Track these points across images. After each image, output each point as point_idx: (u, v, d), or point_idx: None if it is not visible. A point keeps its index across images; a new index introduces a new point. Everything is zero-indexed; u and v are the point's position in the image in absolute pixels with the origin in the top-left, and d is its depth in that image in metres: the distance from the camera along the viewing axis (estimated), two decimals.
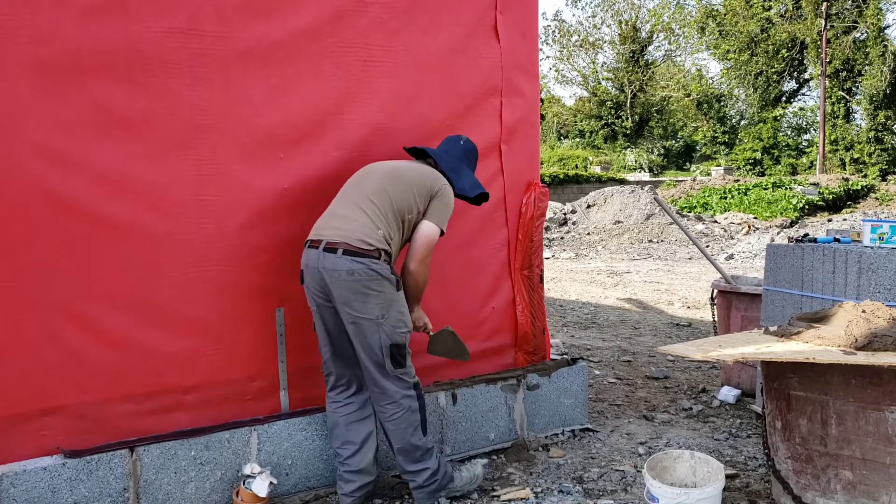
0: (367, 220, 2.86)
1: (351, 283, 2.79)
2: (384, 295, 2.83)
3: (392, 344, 2.86)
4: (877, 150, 31.10)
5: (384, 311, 2.83)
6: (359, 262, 2.78)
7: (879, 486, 2.62)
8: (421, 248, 2.93)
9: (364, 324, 2.83)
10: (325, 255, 2.82)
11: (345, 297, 2.81)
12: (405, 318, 2.91)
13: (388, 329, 2.85)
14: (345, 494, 3.02)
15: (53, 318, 2.72)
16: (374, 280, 2.80)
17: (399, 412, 2.92)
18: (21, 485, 2.60)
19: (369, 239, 2.82)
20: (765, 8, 34.17)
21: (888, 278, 3.39)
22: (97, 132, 2.76)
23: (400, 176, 2.97)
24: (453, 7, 3.59)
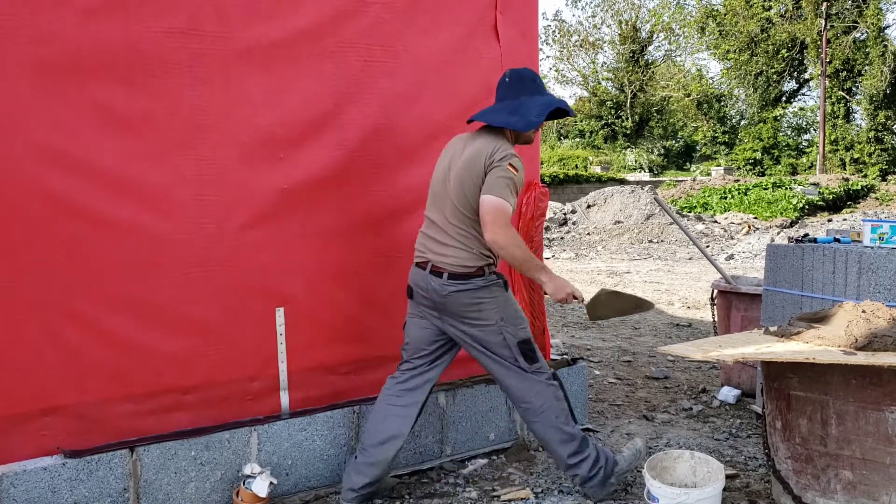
0: (459, 245, 2.89)
1: (462, 299, 2.88)
2: (496, 299, 2.91)
3: (519, 341, 2.93)
4: (877, 150, 31.11)
5: (502, 314, 2.91)
6: (465, 283, 2.87)
7: (879, 486, 2.62)
8: (492, 221, 2.76)
9: (486, 330, 2.91)
10: (432, 277, 2.91)
11: (459, 311, 2.90)
12: (521, 314, 3.00)
13: (511, 329, 2.92)
14: (351, 489, 2.99)
15: (53, 318, 2.72)
16: (482, 290, 2.89)
17: (546, 403, 2.96)
18: (21, 485, 2.60)
19: (470, 262, 2.88)
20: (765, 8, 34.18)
21: (888, 278, 3.39)
22: (97, 132, 2.76)
23: (461, 179, 2.89)
24: (453, 7, 3.59)
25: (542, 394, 2.96)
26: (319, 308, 3.27)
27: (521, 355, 2.94)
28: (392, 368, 3.47)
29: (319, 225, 3.25)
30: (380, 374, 3.46)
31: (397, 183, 3.45)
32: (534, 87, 3.01)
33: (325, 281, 3.28)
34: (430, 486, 3.31)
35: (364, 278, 3.38)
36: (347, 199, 3.32)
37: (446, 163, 3.00)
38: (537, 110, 2.95)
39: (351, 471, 3.02)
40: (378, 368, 3.46)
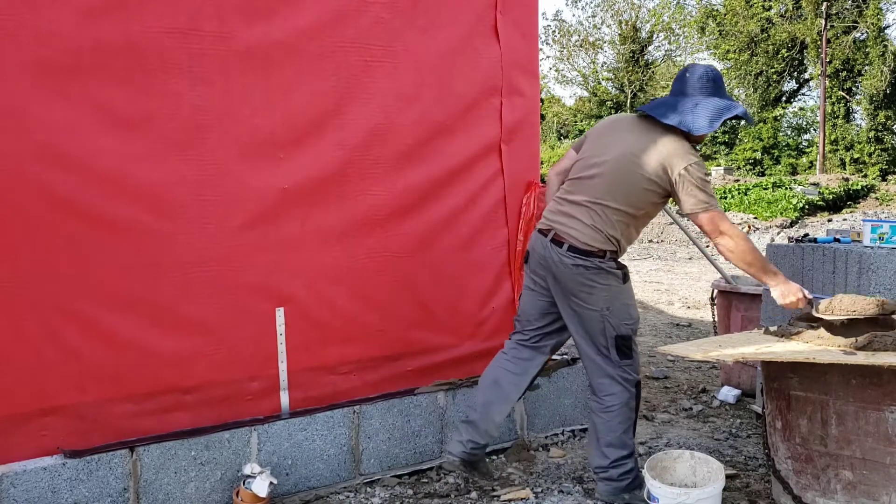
0: (592, 225, 2.88)
1: (576, 276, 2.88)
2: (610, 288, 2.89)
3: (618, 335, 2.92)
4: (877, 150, 31.09)
5: (609, 304, 2.89)
6: (584, 258, 2.86)
7: (879, 486, 2.62)
8: (711, 232, 2.81)
9: (589, 314, 2.91)
10: (552, 246, 2.92)
11: (570, 287, 2.90)
12: (631, 311, 2.97)
13: (614, 321, 2.91)
14: (459, 441, 3.10)
15: (53, 318, 2.72)
16: (599, 274, 2.87)
17: (617, 404, 2.95)
18: (21, 485, 2.60)
19: (594, 242, 2.87)
20: (765, 8, 34.17)
21: (888, 278, 3.39)
22: (97, 132, 2.76)
23: (630, 170, 2.86)
24: (453, 7, 3.59)
25: (617, 395, 2.96)
26: (319, 308, 3.27)
27: (616, 348, 2.93)
28: (392, 368, 3.48)
29: (319, 225, 3.25)
30: (380, 374, 3.46)
31: (397, 183, 3.45)
32: (713, 89, 2.91)
33: (325, 281, 3.28)
34: (430, 486, 3.31)
35: (364, 278, 3.38)
36: (347, 199, 3.32)
37: (606, 143, 2.96)
38: (712, 115, 2.85)
39: (459, 425, 3.15)
40: (378, 368, 3.46)
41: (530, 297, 3.11)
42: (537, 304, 3.09)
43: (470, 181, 3.70)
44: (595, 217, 2.89)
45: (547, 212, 3.06)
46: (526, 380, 3.12)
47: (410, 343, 3.54)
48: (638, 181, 2.87)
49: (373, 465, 3.36)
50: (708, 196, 2.81)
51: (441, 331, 3.63)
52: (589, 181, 2.95)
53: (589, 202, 2.91)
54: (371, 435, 3.34)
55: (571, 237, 2.90)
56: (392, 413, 3.40)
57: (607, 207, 2.89)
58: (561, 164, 3.18)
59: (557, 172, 3.18)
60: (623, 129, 2.99)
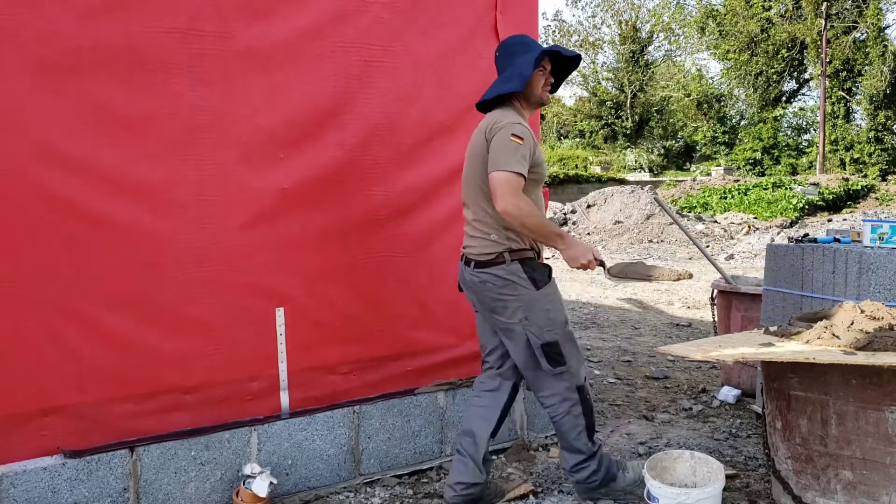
0: (477, 232, 2.86)
1: (486, 294, 2.85)
2: (520, 297, 2.81)
3: (543, 343, 2.84)
4: (877, 150, 31.11)
5: (526, 314, 2.82)
6: (486, 272, 2.82)
7: (879, 486, 2.62)
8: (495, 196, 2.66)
9: (512, 329, 2.86)
10: (465, 268, 2.92)
11: (488, 305, 2.89)
12: (552, 315, 2.84)
13: (535, 330, 2.83)
14: (450, 486, 3.00)
15: (53, 318, 2.72)
16: (505, 287, 2.81)
17: (560, 413, 2.92)
18: (21, 485, 2.60)
19: (487, 249, 2.83)
20: (765, 8, 34.19)
21: (888, 278, 3.39)
22: (97, 132, 2.76)
23: (471, 165, 2.89)
24: (453, 7, 3.59)
25: (557, 405, 2.93)
26: (319, 308, 3.27)
27: (545, 357, 2.85)
28: (392, 368, 3.48)
29: (319, 225, 3.25)
30: (380, 374, 3.46)
31: (397, 183, 3.45)
32: (523, 48, 2.89)
33: (325, 281, 3.28)
34: (430, 486, 3.31)
35: (364, 278, 3.38)
36: (347, 199, 3.32)
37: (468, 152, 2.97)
38: (525, 64, 2.83)
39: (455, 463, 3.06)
40: (378, 368, 3.46)
41: (479, 320, 3.08)
42: (485, 325, 3.05)
43: None
44: (477, 221, 2.85)
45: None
46: (496, 412, 3.03)
47: (410, 343, 3.53)
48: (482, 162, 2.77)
49: (373, 465, 3.36)
50: (514, 159, 2.65)
51: (441, 331, 3.63)
52: (467, 192, 2.93)
53: (472, 209, 2.88)
54: (371, 435, 3.34)
55: (472, 254, 2.88)
56: (392, 413, 3.40)
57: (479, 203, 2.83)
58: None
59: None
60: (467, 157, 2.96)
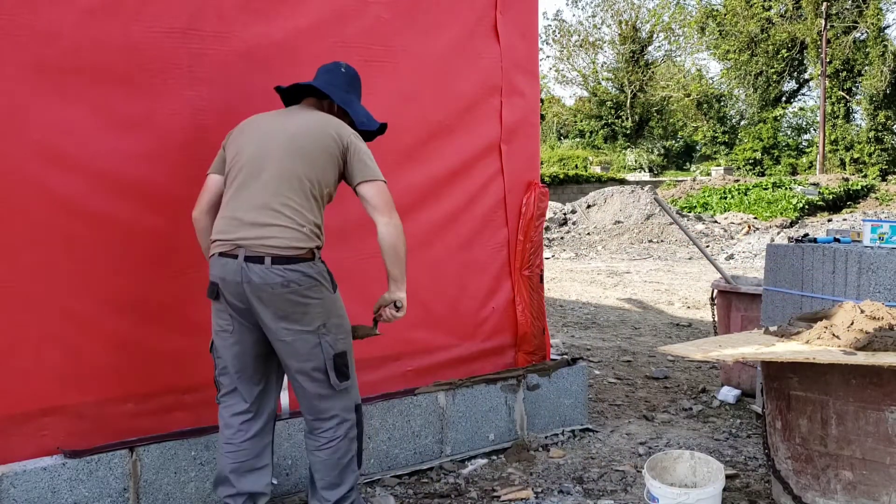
0: (286, 220, 2.48)
1: (287, 296, 2.45)
2: (323, 301, 2.53)
3: (336, 354, 2.56)
4: (877, 150, 31.10)
5: (325, 319, 2.53)
6: (293, 269, 2.45)
7: (879, 486, 2.62)
8: (378, 204, 2.57)
9: (303, 338, 2.51)
10: (250, 266, 2.45)
11: (281, 311, 2.47)
12: (343, 322, 2.63)
13: (330, 338, 2.55)
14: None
15: (53, 318, 2.72)
16: (312, 287, 2.49)
17: (337, 438, 2.61)
18: (21, 485, 2.60)
19: (298, 242, 2.48)
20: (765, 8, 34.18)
21: (888, 278, 3.39)
22: (97, 132, 2.76)
23: (300, 149, 2.55)
24: (453, 7, 3.59)
25: (335, 427, 2.60)
26: None
27: (335, 370, 2.55)
28: (392, 368, 3.47)
29: None
30: (380, 374, 3.46)
31: (397, 183, 3.44)
32: (359, 91, 2.86)
33: None
34: (430, 486, 3.31)
35: (364, 278, 3.37)
36: (347, 199, 3.31)
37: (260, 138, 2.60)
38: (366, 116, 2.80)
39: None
40: (378, 368, 3.46)
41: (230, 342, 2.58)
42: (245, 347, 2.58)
43: (470, 181, 3.70)
44: (288, 209, 2.49)
45: (215, 231, 2.57)
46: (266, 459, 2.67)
47: (410, 343, 3.53)
48: (313, 161, 2.54)
49: (373, 465, 3.36)
50: (377, 169, 2.61)
51: (441, 331, 3.63)
52: (259, 176, 2.53)
53: (275, 195, 2.50)
54: (371, 435, 3.34)
55: (273, 246, 2.45)
56: (392, 413, 3.40)
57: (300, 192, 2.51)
58: (204, 198, 2.69)
59: (207, 209, 2.68)
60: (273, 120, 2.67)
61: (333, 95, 2.73)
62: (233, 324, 2.56)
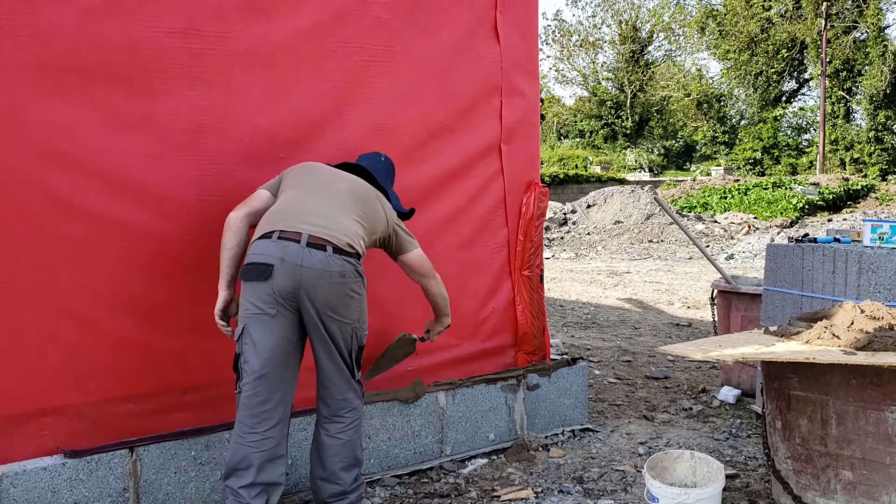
0: (350, 223, 2.71)
1: (340, 286, 2.60)
2: (362, 298, 2.73)
3: (360, 347, 2.77)
4: (877, 150, 31.10)
5: (360, 315, 2.73)
6: (349, 262, 2.64)
7: (879, 486, 2.62)
8: (425, 270, 3.02)
9: (343, 328, 2.66)
10: (311, 251, 2.56)
11: (331, 300, 2.59)
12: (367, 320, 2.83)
13: (361, 333, 2.75)
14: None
15: (53, 318, 2.72)
16: (358, 282, 2.69)
17: (356, 420, 2.78)
18: (21, 485, 2.60)
19: (354, 243, 2.69)
20: (765, 8, 34.17)
21: (888, 278, 3.39)
22: (97, 132, 2.76)
23: (370, 198, 2.88)
24: (453, 7, 3.59)
25: (357, 409, 2.78)
26: None
27: (355, 361, 2.74)
28: (392, 368, 3.47)
29: None
30: (379, 373, 3.46)
31: (397, 183, 3.44)
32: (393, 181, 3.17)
33: None
34: (430, 486, 3.31)
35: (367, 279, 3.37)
36: None
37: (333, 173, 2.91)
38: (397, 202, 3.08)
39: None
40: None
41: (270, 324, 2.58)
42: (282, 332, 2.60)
43: (470, 181, 3.70)
44: (356, 219, 2.75)
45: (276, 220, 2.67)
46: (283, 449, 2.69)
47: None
48: (377, 213, 2.87)
49: (373, 465, 3.36)
50: (411, 235, 3.02)
51: None
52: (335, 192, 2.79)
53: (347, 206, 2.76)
54: (371, 435, 3.34)
55: (336, 238, 2.62)
56: (392, 413, 3.40)
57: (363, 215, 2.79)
58: (249, 205, 2.81)
59: (245, 215, 2.78)
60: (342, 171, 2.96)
61: (378, 178, 3.02)
62: (276, 307, 2.58)
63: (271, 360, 2.60)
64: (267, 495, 2.61)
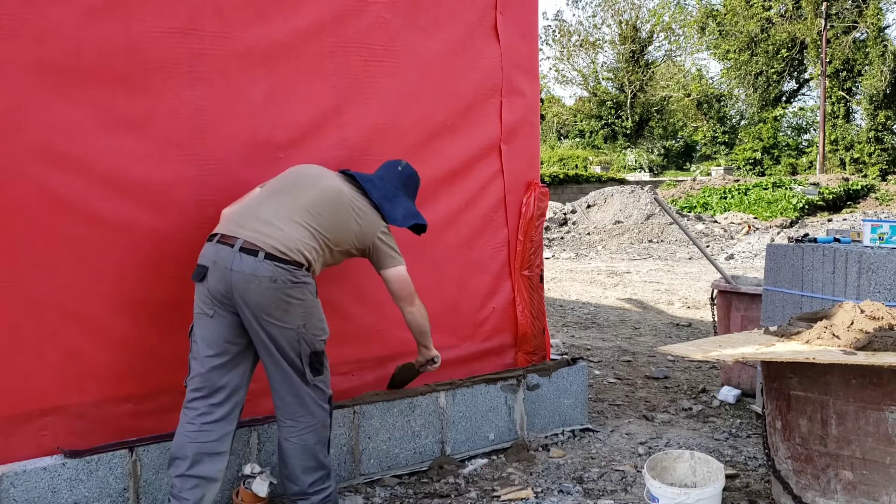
0: (297, 233, 2.68)
1: (272, 291, 2.59)
2: (305, 303, 2.67)
3: (312, 352, 2.71)
4: (877, 150, 31.11)
5: (306, 320, 2.68)
6: (282, 268, 2.60)
7: (879, 486, 2.62)
8: (402, 293, 2.96)
9: (284, 333, 2.64)
10: (242, 256, 2.59)
11: (263, 305, 2.60)
12: (324, 325, 2.78)
13: (309, 338, 2.70)
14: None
15: (53, 318, 2.72)
16: (296, 287, 2.64)
17: (313, 424, 2.75)
18: (21, 485, 2.60)
19: (294, 251, 2.65)
20: (765, 8, 34.18)
21: (888, 278, 3.39)
22: (97, 132, 2.76)
23: (341, 207, 2.82)
24: (454, 7, 3.59)
25: (314, 414, 2.75)
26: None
27: (310, 366, 2.71)
28: (392, 368, 3.47)
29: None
30: (380, 373, 3.46)
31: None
32: (413, 192, 3.12)
33: (325, 281, 3.27)
34: (430, 486, 3.31)
35: (363, 278, 3.37)
36: None
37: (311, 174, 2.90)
38: (405, 214, 3.03)
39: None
40: (378, 368, 3.46)
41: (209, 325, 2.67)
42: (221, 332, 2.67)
43: (470, 181, 3.70)
44: (309, 228, 2.72)
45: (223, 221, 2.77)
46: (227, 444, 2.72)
47: (410, 343, 3.53)
48: (347, 226, 2.82)
49: (373, 465, 3.36)
50: (397, 252, 2.95)
51: (441, 331, 3.62)
52: (293, 199, 2.76)
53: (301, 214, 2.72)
54: (371, 435, 3.34)
55: (270, 243, 2.62)
56: (392, 413, 3.40)
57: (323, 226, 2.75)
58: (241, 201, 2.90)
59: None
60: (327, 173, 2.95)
61: (373, 192, 2.96)
62: (213, 308, 2.66)
63: (212, 359, 2.67)
64: (202, 491, 2.64)
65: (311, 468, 2.78)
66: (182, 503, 2.61)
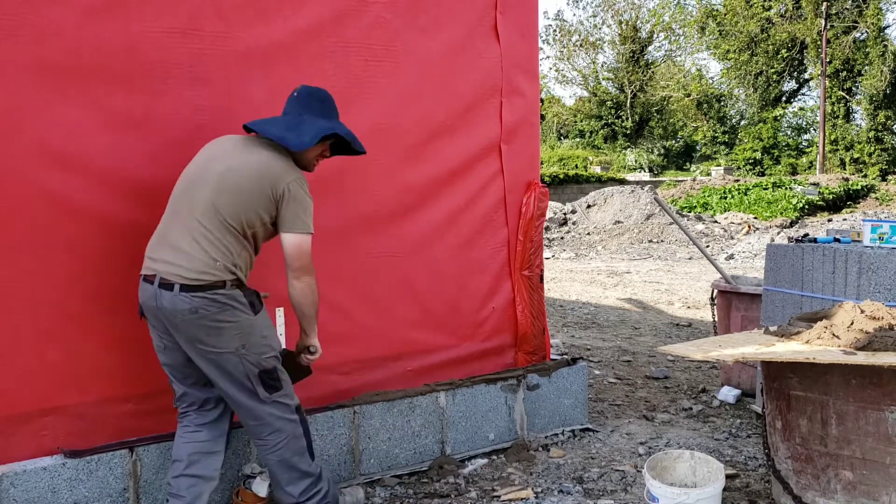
0: (201, 251, 2.52)
1: (196, 321, 2.50)
2: (238, 324, 2.55)
3: (261, 371, 2.61)
4: (877, 150, 31.12)
5: (244, 341, 2.56)
6: (200, 296, 2.49)
7: (879, 486, 2.62)
8: (296, 263, 2.62)
9: (224, 357, 2.56)
10: (162, 293, 2.51)
11: (195, 335, 2.53)
12: (270, 341, 2.66)
13: (252, 358, 2.58)
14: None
15: (53, 318, 2.72)
16: (223, 311, 2.52)
17: (282, 440, 2.68)
18: (21, 485, 2.60)
19: (207, 274, 2.51)
20: (765, 8, 34.18)
21: (888, 278, 3.39)
22: (97, 132, 2.76)
23: (234, 184, 2.56)
24: (454, 7, 3.59)
25: (280, 430, 2.67)
26: (320, 308, 3.26)
27: (262, 385, 2.61)
28: (392, 368, 3.48)
29: (319, 225, 3.23)
30: (380, 374, 3.46)
31: (397, 183, 3.45)
32: (321, 109, 2.75)
33: (325, 281, 3.26)
34: (430, 486, 3.31)
35: (363, 278, 3.38)
36: (348, 199, 3.32)
37: (203, 162, 2.66)
38: (314, 132, 2.67)
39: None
40: (378, 368, 3.46)
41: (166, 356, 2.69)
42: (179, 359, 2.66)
43: (470, 181, 3.70)
44: (207, 241, 2.53)
45: (147, 252, 2.63)
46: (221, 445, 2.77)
47: (410, 343, 3.54)
48: (244, 199, 2.56)
49: (373, 465, 3.36)
50: (310, 220, 2.65)
51: (441, 331, 3.63)
52: (192, 204, 2.57)
53: (194, 225, 2.54)
54: (371, 435, 3.34)
55: (180, 276, 2.49)
56: (392, 413, 3.40)
57: (224, 228, 2.54)
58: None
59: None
60: (224, 146, 2.70)
61: (269, 132, 2.68)
62: (162, 341, 2.68)
63: (184, 382, 2.72)
64: (199, 489, 2.68)
65: (295, 479, 2.75)
66: (180, 501, 2.64)
